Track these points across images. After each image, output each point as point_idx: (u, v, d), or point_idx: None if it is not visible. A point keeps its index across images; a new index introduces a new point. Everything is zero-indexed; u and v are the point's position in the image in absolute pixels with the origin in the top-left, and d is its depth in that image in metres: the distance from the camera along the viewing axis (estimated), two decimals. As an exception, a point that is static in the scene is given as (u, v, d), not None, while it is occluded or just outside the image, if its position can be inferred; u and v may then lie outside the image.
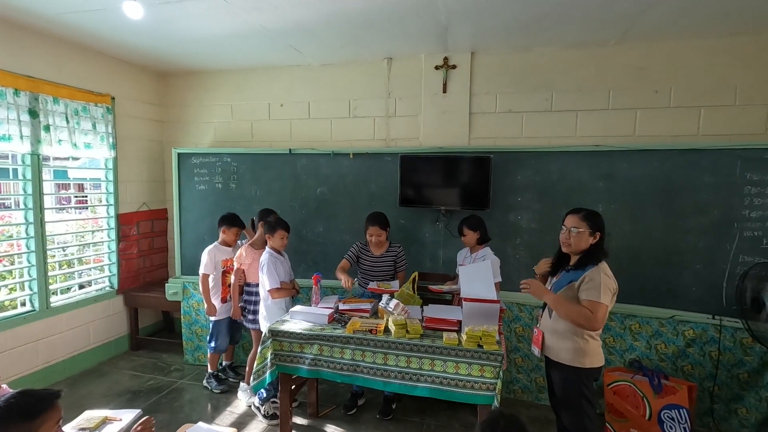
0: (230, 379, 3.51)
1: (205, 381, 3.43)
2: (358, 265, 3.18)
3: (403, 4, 2.68)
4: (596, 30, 3.01)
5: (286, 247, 3.09)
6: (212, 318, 3.36)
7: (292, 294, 3.07)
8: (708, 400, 2.90)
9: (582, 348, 2.05)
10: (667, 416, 2.67)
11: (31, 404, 1.29)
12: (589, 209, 2.17)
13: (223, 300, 3.36)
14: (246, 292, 3.24)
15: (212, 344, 3.40)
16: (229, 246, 3.40)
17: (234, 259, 3.27)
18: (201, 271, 3.31)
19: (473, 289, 2.46)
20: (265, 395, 2.99)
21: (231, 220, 3.37)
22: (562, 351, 2.10)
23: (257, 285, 3.12)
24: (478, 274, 2.55)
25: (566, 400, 2.16)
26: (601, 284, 1.95)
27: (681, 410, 2.64)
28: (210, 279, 3.33)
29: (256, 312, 3.14)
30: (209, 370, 3.42)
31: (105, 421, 1.94)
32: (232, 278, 3.29)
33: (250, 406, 3.15)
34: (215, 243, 3.38)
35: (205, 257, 3.31)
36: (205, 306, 3.33)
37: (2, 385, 1.98)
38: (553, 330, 2.15)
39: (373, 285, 2.94)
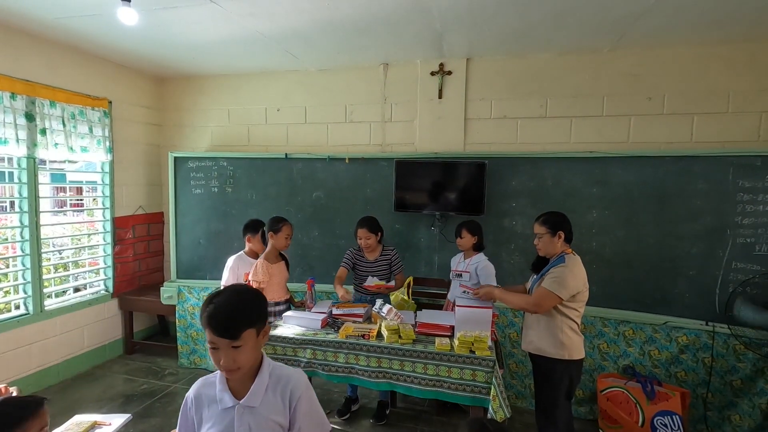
0: None
1: None
2: (354, 271, 3.12)
3: (397, 12, 2.70)
4: (590, 37, 3.04)
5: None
6: None
7: None
8: (701, 406, 2.89)
9: (562, 341, 2.14)
10: (660, 423, 2.67)
11: (10, 413, 1.28)
12: (550, 212, 2.28)
13: None
14: None
15: None
16: (256, 256, 3.02)
17: (250, 275, 2.83)
18: (222, 284, 3.01)
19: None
20: None
21: (256, 227, 3.09)
22: (543, 344, 2.19)
23: (276, 304, 2.88)
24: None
25: (542, 396, 2.23)
26: (564, 279, 2.08)
27: (674, 417, 2.64)
28: None
29: None
30: None
31: (94, 426, 1.93)
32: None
33: None
34: (240, 253, 3.10)
35: (227, 272, 3.03)
36: None
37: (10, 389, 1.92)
38: (534, 325, 2.24)
39: (370, 282, 2.88)
